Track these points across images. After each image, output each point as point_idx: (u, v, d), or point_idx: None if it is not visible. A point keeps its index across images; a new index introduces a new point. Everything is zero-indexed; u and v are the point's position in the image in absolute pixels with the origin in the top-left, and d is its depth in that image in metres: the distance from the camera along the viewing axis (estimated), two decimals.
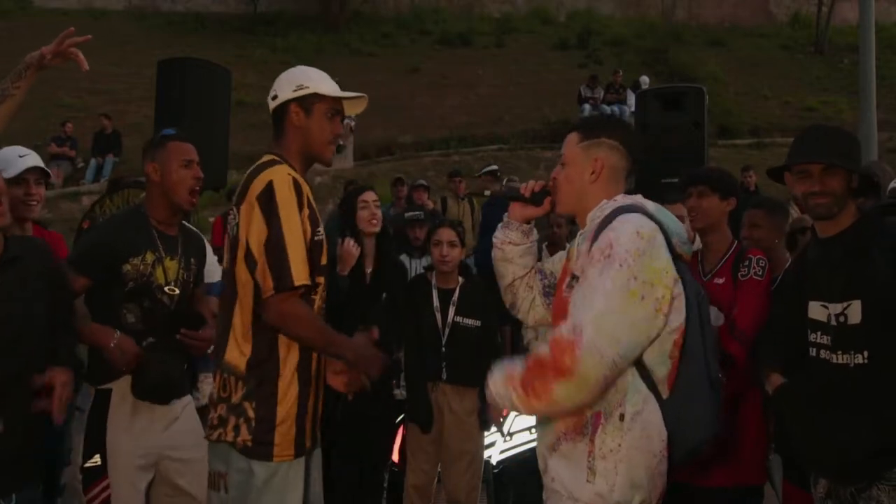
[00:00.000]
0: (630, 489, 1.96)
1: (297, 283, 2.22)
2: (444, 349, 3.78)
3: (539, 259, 2.42)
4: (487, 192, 2.85)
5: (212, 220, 11.85)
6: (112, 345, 2.64)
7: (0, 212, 2.29)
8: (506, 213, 2.35)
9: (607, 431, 1.97)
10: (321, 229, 2.38)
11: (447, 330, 3.79)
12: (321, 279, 2.39)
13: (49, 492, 3.34)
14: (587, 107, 15.12)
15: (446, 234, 3.77)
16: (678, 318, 2.01)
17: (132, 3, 22.89)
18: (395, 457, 4.17)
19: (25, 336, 2.33)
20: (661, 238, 2.01)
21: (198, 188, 2.87)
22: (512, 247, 2.32)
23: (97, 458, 2.70)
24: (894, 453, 2.21)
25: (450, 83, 18.26)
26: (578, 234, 2.21)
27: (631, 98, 13.84)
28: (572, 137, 2.22)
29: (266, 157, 2.38)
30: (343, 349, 2.33)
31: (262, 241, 2.23)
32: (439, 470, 3.90)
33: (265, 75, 18.01)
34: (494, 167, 9.13)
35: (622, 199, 2.13)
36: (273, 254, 2.22)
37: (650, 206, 2.13)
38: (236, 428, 2.26)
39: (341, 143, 14.37)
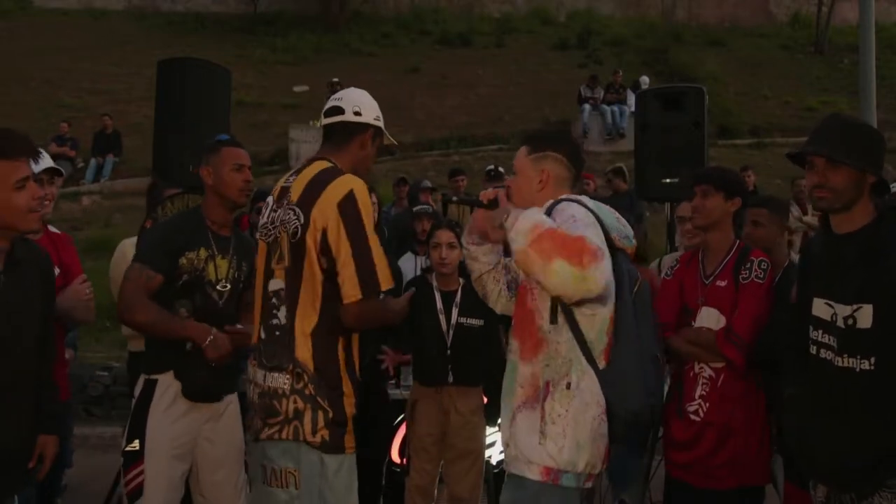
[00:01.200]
0: (576, 449, 2.20)
1: (383, 288, 2.41)
2: (449, 352, 3.78)
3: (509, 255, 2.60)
4: (454, 199, 2.93)
5: None
6: (208, 342, 2.78)
7: (44, 210, 2.43)
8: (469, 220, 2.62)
9: (555, 398, 2.22)
10: None
11: (451, 332, 3.79)
12: None
13: (49, 492, 3.34)
14: (587, 107, 15.13)
15: (445, 236, 3.77)
16: (612, 298, 2.26)
17: (132, 3, 22.88)
18: (396, 457, 4.18)
19: (24, 338, 2.34)
20: (597, 225, 2.26)
21: (248, 190, 3.03)
22: (475, 247, 2.57)
23: (136, 444, 2.85)
24: None
25: (450, 83, 18.26)
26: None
27: (631, 98, 13.85)
28: (523, 149, 2.50)
29: (326, 164, 2.52)
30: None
31: (349, 248, 2.37)
32: (440, 470, 3.90)
33: (265, 75, 18.09)
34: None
35: (563, 197, 2.39)
36: (361, 261, 2.37)
37: (590, 202, 2.37)
38: (314, 421, 2.38)
39: None
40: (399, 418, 4.14)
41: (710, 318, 3.05)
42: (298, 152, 13.77)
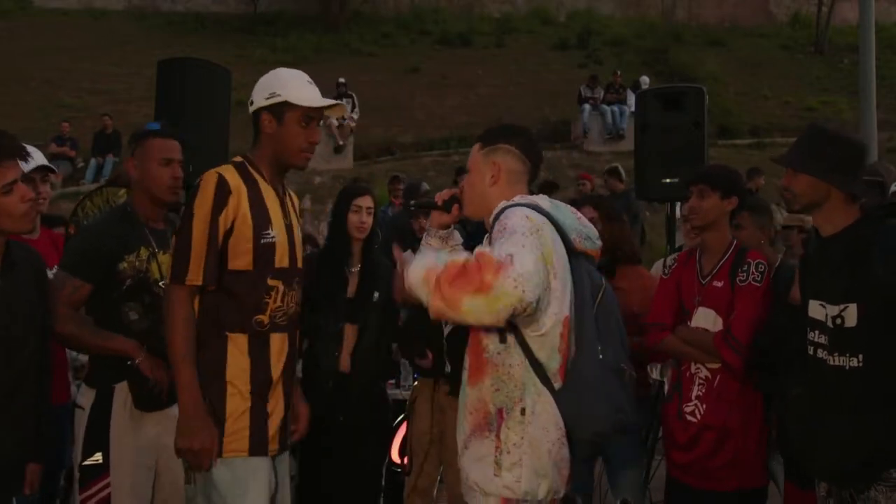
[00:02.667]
0: (535, 478, 2.06)
1: (187, 282, 2.31)
2: (445, 343, 3.76)
3: None
4: (412, 204, 2.87)
5: None
6: (142, 357, 2.69)
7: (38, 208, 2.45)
8: (427, 221, 2.52)
9: (510, 426, 2.07)
10: (271, 232, 2.40)
11: (447, 325, 3.76)
12: (276, 282, 2.41)
13: (47, 494, 3.33)
14: (587, 107, 15.13)
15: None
16: (561, 309, 2.09)
17: (132, 3, 22.88)
18: (396, 457, 4.17)
19: (24, 340, 2.34)
20: (550, 231, 2.09)
21: (177, 187, 2.86)
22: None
23: (98, 457, 2.71)
24: (890, 455, 2.22)
25: (450, 83, 18.26)
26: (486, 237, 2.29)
27: (631, 98, 13.83)
28: (475, 147, 2.36)
29: (235, 159, 2.48)
30: (183, 384, 2.28)
31: (177, 231, 2.36)
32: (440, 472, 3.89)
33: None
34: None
35: (517, 199, 2.21)
36: (178, 246, 2.33)
37: (545, 203, 2.21)
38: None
39: (341, 143, 14.36)
40: (399, 418, 4.13)
41: (706, 319, 3.04)
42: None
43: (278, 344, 2.42)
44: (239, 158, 2.47)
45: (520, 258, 1.92)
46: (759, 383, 3.04)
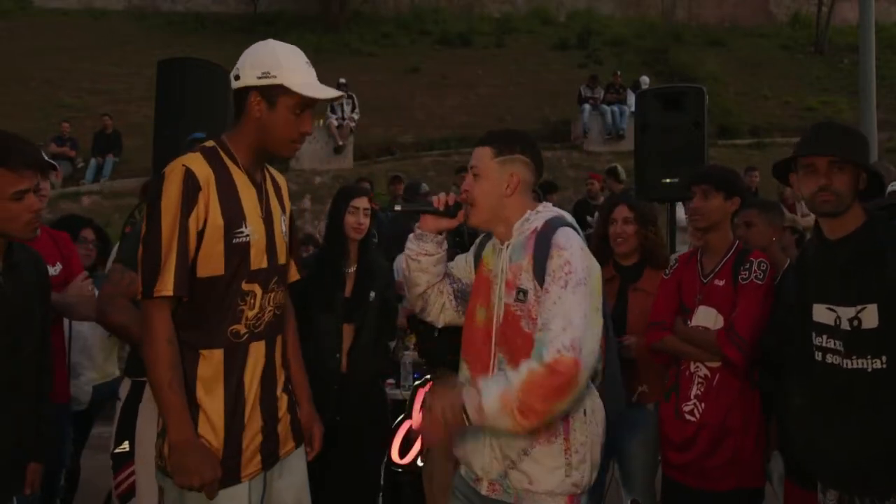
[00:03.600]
0: (592, 471, 2.20)
1: (156, 294, 2.01)
2: (436, 333, 3.75)
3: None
4: (398, 207, 2.79)
5: None
6: None
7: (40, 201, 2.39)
8: (417, 225, 2.40)
9: (576, 428, 2.16)
10: (245, 230, 2.13)
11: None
12: (252, 286, 2.15)
13: (48, 494, 3.33)
14: (587, 107, 15.12)
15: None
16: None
17: (132, 3, 22.88)
18: (396, 457, 4.17)
19: (26, 339, 2.35)
20: (588, 265, 2.13)
21: None
22: (427, 257, 2.37)
23: (125, 445, 2.84)
24: None
25: (450, 83, 18.25)
26: (498, 243, 2.29)
27: (631, 98, 13.84)
28: (486, 151, 2.28)
29: (205, 143, 2.18)
30: (169, 415, 2.02)
31: (142, 237, 2.04)
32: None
33: None
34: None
35: (546, 211, 2.25)
36: (147, 252, 2.03)
37: (568, 216, 2.27)
38: (161, 435, 2.10)
39: (341, 143, 14.35)
40: (399, 418, 4.13)
41: (707, 317, 3.04)
42: (298, 151, 13.79)
43: (255, 355, 2.17)
44: (210, 143, 2.18)
45: (583, 335, 1.99)
46: (760, 381, 3.04)
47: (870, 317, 2.20)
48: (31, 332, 2.39)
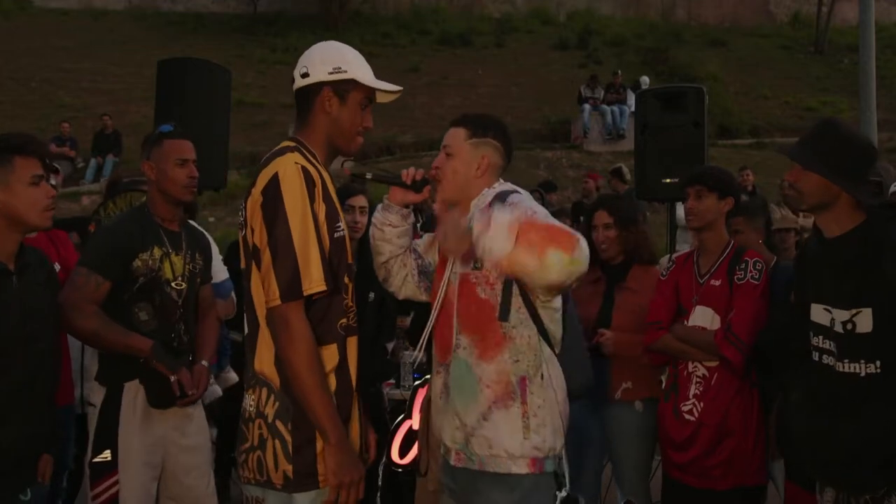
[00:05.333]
0: (554, 435, 2.24)
1: (306, 292, 1.99)
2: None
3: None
4: (369, 175, 2.52)
5: (212, 220, 11.86)
6: (150, 352, 2.67)
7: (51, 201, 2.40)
8: (386, 196, 2.45)
9: (533, 391, 2.22)
10: (341, 224, 2.15)
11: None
12: (349, 280, 2.18)
13: (51, 493, 3.34)
14: (587, 107, 15.14)
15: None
16: None
17: (132, 3, 22.90)
18: (396, 457, 4.17)
19: (37, 340, 2.39)
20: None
21: (193, 186, 2.86)
22: (391, 228, 2.42)
23: (107, 454, 2.73)
24: None
25: (450, 83, 18.28)
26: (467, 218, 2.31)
27: (631, 98, 13.84)
28: (460, 132, 2.36)
29: (283, 143, 2.16)
30: (325, 417, 1.98)
31: (265, 241, 2.00)
32: None
33: (265, 75, 18.08)
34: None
35: (501, 186, 2.36)
36: (279, 256, 1.97)
37: (523, 191, 2.35)
38: (275, 454, 2.02)
39: None
40: (399, 418, 4.13)
41: (703, 318, 3.05)
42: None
43: (354, 348, 2.20)
44: (292, 143, 2.15)
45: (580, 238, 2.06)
46: (758, 381, 3.04)
47: (864, 321, 2.18)
48: (44, 330, 2.42)
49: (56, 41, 19.12)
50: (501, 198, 2.24)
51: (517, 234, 2.01)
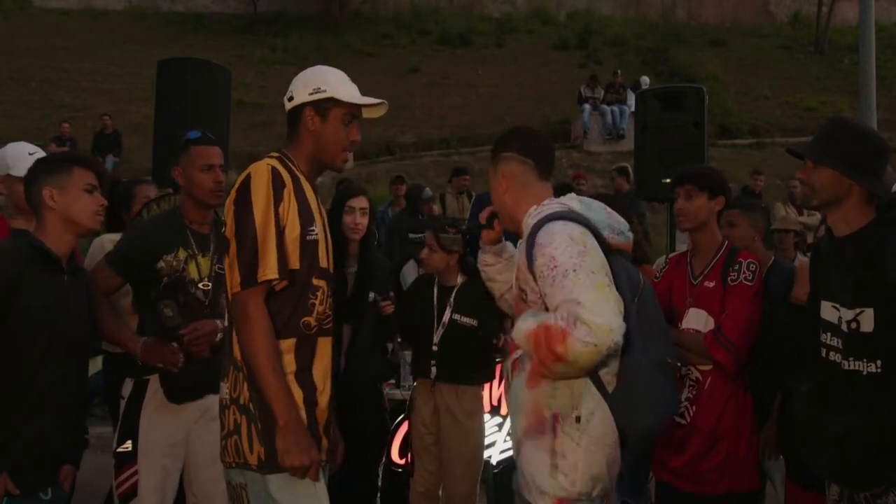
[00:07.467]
0: (590, 481, 2.13)
1: (260, 279, 2.13)
2: (435, 347, 3.76)
3: None
4: (465, 232, 2.78)
5: None
6: (138, 349, 2.82)
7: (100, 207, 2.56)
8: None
9: (566, 432, 2.13)
10: (315, 229, 2.29)
11: (442, 329, 3.77)
12: (321, 282, 2.29)
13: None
14: (587, 107, 15.13)
15: (429, 237, 3.76)
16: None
17: (132, 3, 22.90)
18: (396, 457, 4.17)
19: (79, 342, 2.53)
20: (591, 239, 2.13)
21: (219, 191, 2.99)
22: (489, 267, 2.54)
23: (128, 444, 2.89)
24: None
25: (450, 83, 18.28)
26: (519, 242, 2.35)
27: (631, 98, 13.84)
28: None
29: (272, 153, 2.34)
30: (276, 398, 2.10)
31: (233, 231, 2.17)
32: None
33: (265, 75, 18.08)
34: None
35: (548, 206, 2.24)
36: (241, 246, 2.15)
37: (576, 205, 2.24)
38: (249, 436, 2.16)
39: None
40: (399, 418, 4.13)
41: (697, 320, 2.99)
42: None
43: (322, 349, 2.30)
44: (276, 154, 2.34)
45: (586, 310, 1.95)
46: (750, 384, 3.00)
47: (867, 321, 2.19)
48: (83, 334, 2.56)
49: (56, 41, 19.12)
50: (533, 235, 2.15)
51: (534, 346, 2.04)
